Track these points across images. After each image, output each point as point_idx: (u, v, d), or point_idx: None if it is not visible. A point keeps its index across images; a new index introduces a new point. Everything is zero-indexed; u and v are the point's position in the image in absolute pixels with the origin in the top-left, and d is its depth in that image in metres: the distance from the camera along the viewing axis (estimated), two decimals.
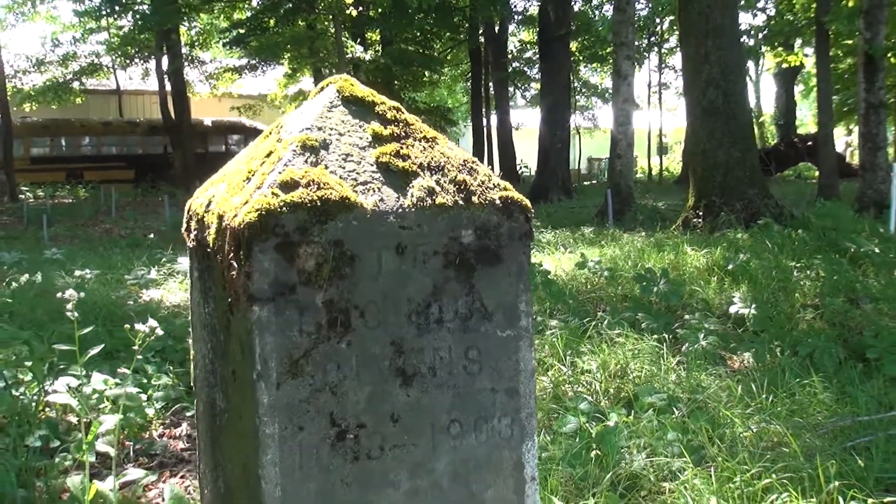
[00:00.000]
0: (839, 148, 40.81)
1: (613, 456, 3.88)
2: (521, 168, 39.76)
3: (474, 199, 1.71)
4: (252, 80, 36.62)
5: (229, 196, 1.69)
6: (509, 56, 40.36)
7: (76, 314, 2.82)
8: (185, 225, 1.93)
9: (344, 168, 1.67)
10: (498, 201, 1.73)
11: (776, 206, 13.39)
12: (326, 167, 1.65)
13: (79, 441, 4.07)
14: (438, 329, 1.68)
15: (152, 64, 35.78)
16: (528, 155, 34.68)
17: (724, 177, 13.39)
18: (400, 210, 1.64)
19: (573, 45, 37.02)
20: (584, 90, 47.42)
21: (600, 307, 7.56)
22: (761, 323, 6.56)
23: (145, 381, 5.49)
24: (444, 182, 1.71)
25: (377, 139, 1.75)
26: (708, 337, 6.01)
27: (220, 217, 1.66)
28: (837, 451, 3.84)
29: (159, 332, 2.83)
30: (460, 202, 1.69)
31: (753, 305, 6.86)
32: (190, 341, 2.08)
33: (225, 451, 1.79)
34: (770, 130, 53.17)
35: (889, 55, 31.99)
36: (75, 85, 37.34)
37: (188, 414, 5.33)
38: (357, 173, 1.67)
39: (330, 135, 1.72)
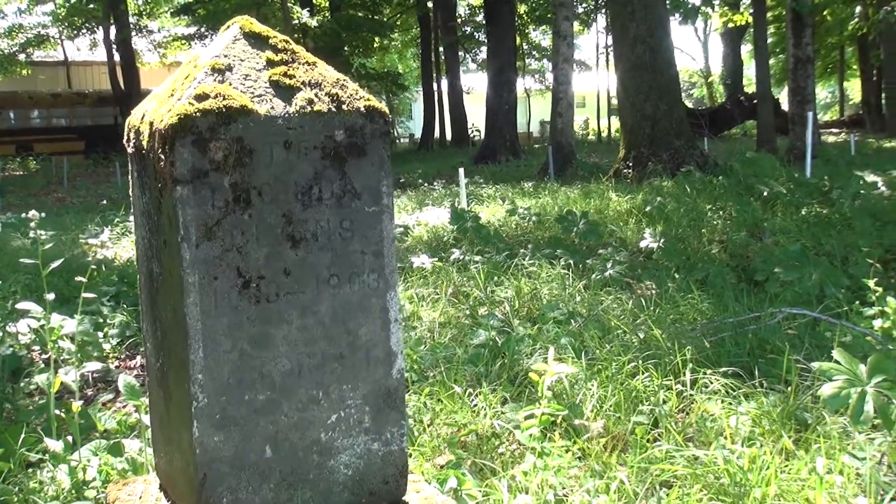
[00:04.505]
0: (786, 105, 41.44)
1: (512, 357, 4.47)
2: (472, 131, 40.14)
3: (344, 107, 2.27)
4: (201, 49, 36.54)
5: (158, 108, 2.23)
6: (458, 20, 40.63)
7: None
8: (125, 137, 2.47)
9: (244, 84, 2.21)
10: (363, 108, 2.29)
11: (701, 156, 14.03)
12: (231, 84, 2.19)
13: (40, 369, 4.57)
14: (319, 205, 2.24)
15: (100, 34, 35.63)
16: (479, 118, 35.05)
17: (651, 129, 13.90)
18: (287, 115, 2.19)
19: (521, 8, 37.43)
20: (535, 53, 47.75)
21: (526, 248, 8.13)
22: (667, 254, 7.16)
23: (101, 321, 6.00)
24: (321, 95, 2.27)
25: (270, 63, 2.30)
26: (616, 266, 6.61)
27: (151, 124, 2.20)
28: (700, 344, 4.46)
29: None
30: (333, 109, 2.25)
31: (662, 239, 7.48)
32: (134, 235, 2.60)
33: (160, 305, 2.34)
34: (718, 90, 53.95)
35: (825, 13, 32.90)
36: (21, 57, 37.03)
37: (141, 349, 5.85)
38: (254, 88, 2.22)
39: (233, 60, 2.27)
